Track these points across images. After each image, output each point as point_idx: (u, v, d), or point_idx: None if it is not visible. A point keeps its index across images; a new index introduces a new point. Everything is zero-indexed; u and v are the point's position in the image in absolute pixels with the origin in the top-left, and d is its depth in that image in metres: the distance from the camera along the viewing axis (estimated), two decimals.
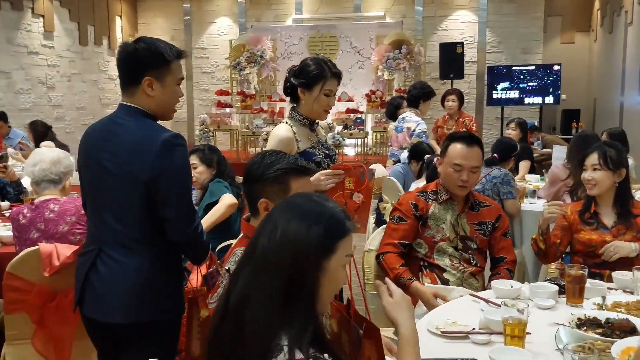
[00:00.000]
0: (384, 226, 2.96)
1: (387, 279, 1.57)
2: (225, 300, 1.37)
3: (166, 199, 2.05)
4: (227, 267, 1.92)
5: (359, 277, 2.86)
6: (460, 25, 11.45)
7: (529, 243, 4.31)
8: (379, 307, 2.83)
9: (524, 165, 5.57)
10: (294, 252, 1.32)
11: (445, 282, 2.75)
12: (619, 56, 8.93)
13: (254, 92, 11.01)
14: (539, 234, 2.87)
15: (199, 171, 3.63)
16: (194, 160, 3.56)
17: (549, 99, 9.95)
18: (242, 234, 2.04)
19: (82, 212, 2.90)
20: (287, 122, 2.78)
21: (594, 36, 11.08)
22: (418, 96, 5.52)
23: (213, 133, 10.12)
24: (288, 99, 2.80)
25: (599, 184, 2.77)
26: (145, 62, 2.12)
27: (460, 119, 6.37)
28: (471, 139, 2.80)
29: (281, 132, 2.72)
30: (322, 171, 2.61)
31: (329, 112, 2.82)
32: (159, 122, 2.21)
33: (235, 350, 1.29)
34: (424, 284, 2.68)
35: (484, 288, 2.81)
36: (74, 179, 2.93)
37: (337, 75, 2.75)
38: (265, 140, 9.82)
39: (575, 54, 11.50)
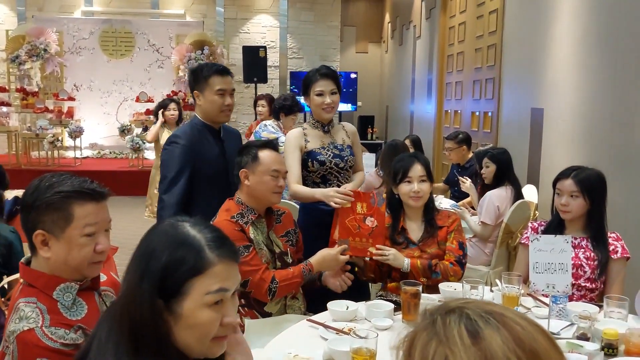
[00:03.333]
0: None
1: None
2: (85, 349, 1.17)
3: None
4: (10, 328, 1.42)
5: None
6: (262, 29, 11.45)
7: None
8: None
9: None
10: (126, 301, 1.12)
11: (267, 314, 2.47)
12: (409, 67, 9.60)
13: (36, 90, 9.83)
14: (360, 270, 2.74)
15: None
16: None
17: (347, 106, 10.36)
18: (22, 282, 1.52)
19: None
20: (302, 126, 3.08)
21: (386, 47, 11.83)
22: (279, 108, 5.25)
23: None
24: (78, 98, 2.89)
25: (424, 196, 2.73)
26: (191, 81, 2.97)
27: None
28: (270, 144, 2.62)
29: (291, 132, 3.06)
30: (335, 188, 2.74)
31: (328, 111, 2.98)
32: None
33: None
34: (243, 325, 2.32)
35: (306, 306, 2.63)
36: None
37: (326, 75, 2.97)
38: (51, 143, 9.03)
39: (368, 63, 12.18)
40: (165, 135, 5.98)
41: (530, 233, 2.69)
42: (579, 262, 2.52)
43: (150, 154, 9.53)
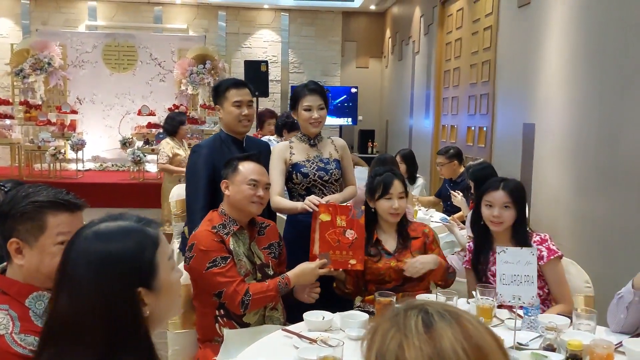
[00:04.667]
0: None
1: None
2: None
3: None
4: None
5: None
6: (264, 44, 11.57)
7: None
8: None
9: None
10: (106, 305, 1.14)
11: (245, 325, 2.49)
12: (408, 82, 9.66)
13: (39, 103, 9.95)
14: (340, 285, 2.80)
15: None
16: None
17: (348, 120, 10.43)
18: None
19: None
20: (290, 140, 3.21)
21: (386, 62, 11.91)
22: (281, 125, 5.42)
23: None
24: (81, 111, 2.90)
25: (402, 212, 2.79)
26: (214, 97, 3.25)
27: None
28: (252, 156, 2.68)
29: (277, 145, 3.23)
30: (315, 196, 2.81)
31: (315, 125, 3.08)
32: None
33: None
34: (222, 335, 2.40)
35: (286, 317, 2.66)
36: None
37: (314, 90, 3.07)
38: (53, 155, 9.12)
39: (369, 78, 12.26)
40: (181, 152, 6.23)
41: (468, 255, 2.81)
42: None
43: (151, 167, 9.62)
